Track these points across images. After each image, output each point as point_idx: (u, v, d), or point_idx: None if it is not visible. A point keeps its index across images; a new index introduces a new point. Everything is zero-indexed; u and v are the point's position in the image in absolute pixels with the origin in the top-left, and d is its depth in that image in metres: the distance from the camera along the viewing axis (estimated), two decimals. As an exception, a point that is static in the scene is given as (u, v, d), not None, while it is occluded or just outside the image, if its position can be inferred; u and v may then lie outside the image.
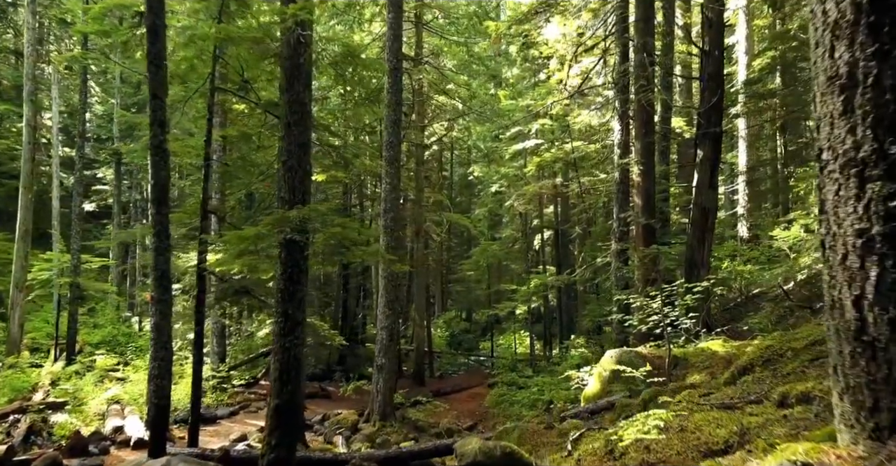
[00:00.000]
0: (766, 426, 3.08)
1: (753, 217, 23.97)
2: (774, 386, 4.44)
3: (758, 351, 5.46)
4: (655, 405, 6.46)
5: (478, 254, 26.54)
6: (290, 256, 6.58)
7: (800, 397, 3.37)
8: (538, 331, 28.27)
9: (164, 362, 7.71)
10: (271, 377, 6.59)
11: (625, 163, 12.83)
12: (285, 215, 6.19)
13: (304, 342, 6.77)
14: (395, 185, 14.19)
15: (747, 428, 3.12)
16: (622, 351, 8.33)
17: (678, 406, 4.53)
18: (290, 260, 6.59)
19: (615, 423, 6.48)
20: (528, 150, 22.89)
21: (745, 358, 5.56)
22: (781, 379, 4.64)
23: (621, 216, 12.69)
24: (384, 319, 13.90)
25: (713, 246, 12.88)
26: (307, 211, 6.24)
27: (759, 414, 3.40)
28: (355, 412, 14.23)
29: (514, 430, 7.23)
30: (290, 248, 6.57)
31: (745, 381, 4.95)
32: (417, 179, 21.18)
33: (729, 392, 4.57)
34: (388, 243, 13.98)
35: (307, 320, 9.59)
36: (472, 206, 34.89)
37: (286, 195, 6.70)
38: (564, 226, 23.08)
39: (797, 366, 4.76)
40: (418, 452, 7.83)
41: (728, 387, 5.06)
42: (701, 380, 6.94)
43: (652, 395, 6.65)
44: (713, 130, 11.70)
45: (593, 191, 21.41)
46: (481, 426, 15.25)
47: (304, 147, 6.87)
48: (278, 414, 6.37)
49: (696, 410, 3.89)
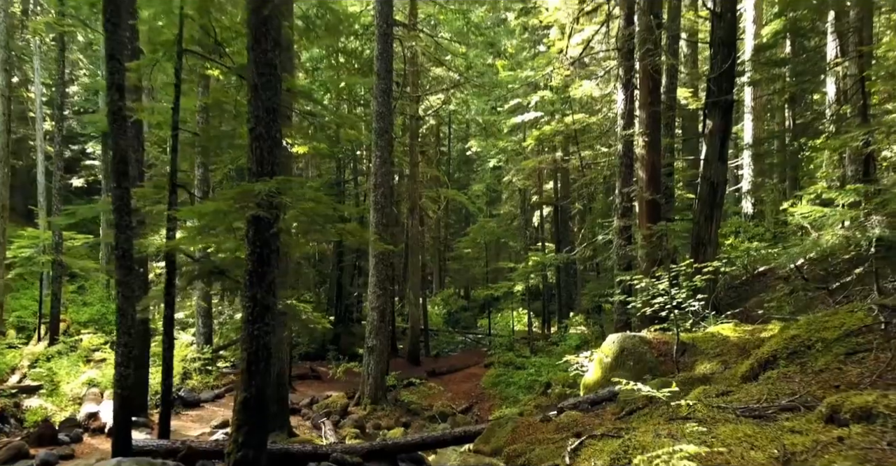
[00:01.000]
0: (818, 451, 2.43)
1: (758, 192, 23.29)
2: (807, 386, 3.81)
3: (781, 341, 4.82)
4: (662, 398, 5.84)
5: (475, 232, 25.89)
6: (258, 235, 5.91)
7: (857, 412, 2.73)
8: (536, 309, 27.74)
9: (127, 348, 7.07)
10: (239, 367, 5.99)
11: (628, 134, 12.09)
12: (248, 188, 5.51)
13: (276, 329, 6.15)
14: (386, 159, 13.46)
15: (792, 453, 2.49)
16: (625, 336, 7.72)
17: (693, 410, 3.90)
18: (258, 239, 5.93)
19: (620, 419, 5.89)
20: (528, 123, 22.06)
21: (766, 349, 4.92)
22: (814, 377, 4.00)
23: (624, 191, 11.98)
24: (375, 299, 13.30)
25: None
26: (274, 183, 5.55)
27: (802, 432, 2.77)
28: (345, 395, 13.72)
29: (507, 423, 6.65)
30: (258, 226, 5.90)
31: (770, 378, 4.31)
32: (412, 154, 20.42)
33: (753, 393, 3.94)
34: (379, 220, 13.32)
35: (289, 302, 8.98)
36: (471, 182, 34.12)
37: (254, 166, 6.00)
38: (564, 202, 22.37)
39: (831, 362, 4.12)
40: (404, 444, 7.26)
41: (749, 385, 4.42)
42: (712, 370, 6.33)
43: (659, 387, 6.04)
44: (724, 99, 10.92)
45: (594, 165, 20.66)
46: (476, 408, 14.76)
47: (274, 113, 6.14)
48: (246, 409, 5.77)
49: (719, 419, 3.25)
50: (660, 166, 11.90)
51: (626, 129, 12.13)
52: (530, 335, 20.29)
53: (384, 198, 13.38)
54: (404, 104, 19.14)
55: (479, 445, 6.61)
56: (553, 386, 13.42)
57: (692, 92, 18.89)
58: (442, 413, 13.32)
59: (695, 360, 6.98)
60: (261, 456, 5.78)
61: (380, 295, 13.23)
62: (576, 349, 15.61)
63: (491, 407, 14.68)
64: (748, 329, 7.48)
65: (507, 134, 24.98)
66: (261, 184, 5.52)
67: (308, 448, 7.33)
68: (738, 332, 7.36)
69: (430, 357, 21.91)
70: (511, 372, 16.75)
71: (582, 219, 24.47)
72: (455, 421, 13.02)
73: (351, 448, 7.31)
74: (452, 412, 13.56)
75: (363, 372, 13.39)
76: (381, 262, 13.24)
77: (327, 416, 12.20)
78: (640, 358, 7.33)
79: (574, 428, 6.00)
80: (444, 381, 17.46)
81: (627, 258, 11.76)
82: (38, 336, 17.69)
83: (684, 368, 6.84)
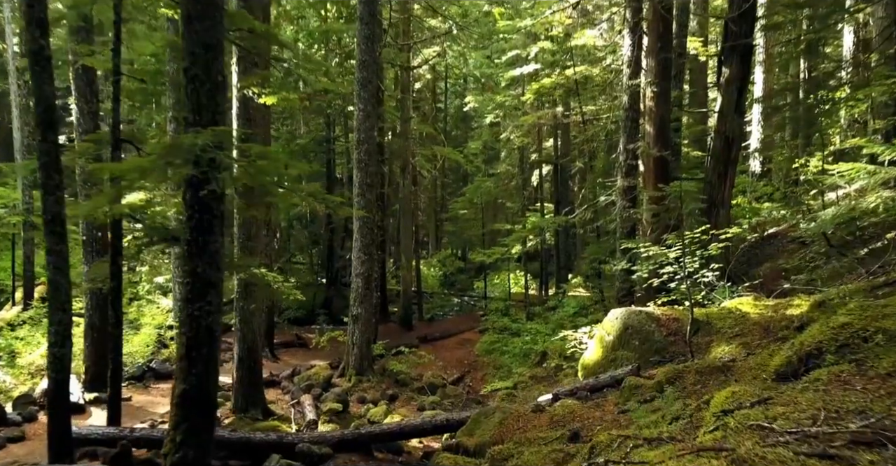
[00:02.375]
0: None
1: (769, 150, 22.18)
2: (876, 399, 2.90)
3: (827, 330, 3.90)
4: (674, 389, 4.99)
5: (471, 192, 24.84)
6: (196, 198, 4.93)
7: None
8: (534, 270, 26.93)
9: (62, 326, 6.20)
10: (177, 353, 5.11)
11: (635, 84, 10.94)
12: (177, 142, 4.50)
13: (221, 307, 5.24)
14: (370, 112, 12.33)
15: None
16: (630, 311, 6.82)
17: (725, 431, 3.00)
18: (197, 203, 4.95)
19: (624, 414, 5.03)
20: (526, 77, 20.75)
21: (807, 338, 4.01)
22: (881, 383, 3.10)
23: (629, 147, 10.91)
24: (360, 265, 12.39)
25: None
26: (210, 136, 4.53)
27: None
28: (329, 365, 12.97)
29: (495, 414, 5.81)
30: (195, 188, 4.92)
31: (819, 381, 3.40)
32: (403, 108, 19.19)
33: (802, 404, 3.03)
34: (363, 180, 12.30)
35: (256, 271, 8.07)
36: (469, 140, 32.84)
37: (190, 115, 4.97)
38: (564, 160, 21.26)
39: (901, 362, 3.20)
40: (379, 433, 6.45)
41: (791, 388, 3.51)
42: (732, 355, 5.44)
43: (670, 376, 5.17)
44: (743, 42, 9.78)
45: (596, 120, 19.45)
46: (469, 378, 14.05)
47: (213, 50, 5.08)
48: (186, 403, 4.91)
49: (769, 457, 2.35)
50: (669, 119, 10.82)
51: (632, 79, 10.98)
52: (527, 298, 19.48)
53: (368, 156, 12.32)
54: (391, 52, 17.80)
55: (463, 437, 5.79)
56: (549, 356, 12.67)
57: (702, 41, 17.60)
58: (431, 385, 12.59)
59: (710, 341, 6.10)
60: (204, 457, 4.94)
61: (364, 261, 12.32)
62: (574, 316, 14.84)
63: (484, 377, 13.98)
64: (770, 303, 6.58)
65: (505, 88, 23.66)
66: (192, 136, 4.50)
67: (272, 436, 6.53)
68: (759, 307, 6.46)
69: (424, 321, 21.20)
70: (506, 339, 16.02)
71: (583, 178, 23.42)
72: (445, 393, 12.32)
73: (320, 437, 6.51)
74: (443, 383, 12.85)
75: (348, 341, 12.60)
76: (366, 226, 12.28)
77: (309, 389, 11.46)
78: (647, 338, 6.46)
79: (571, 423, 5.16)
80: (436, 348, 16.74)
81: (631, 221, 10.80)
82: (12, 301, 16.92)
83: (698, 350, 5.96)
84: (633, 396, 5.25)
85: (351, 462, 6.35)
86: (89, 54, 8.04)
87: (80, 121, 10.06)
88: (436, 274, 30.04)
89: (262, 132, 14.15)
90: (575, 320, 14.30)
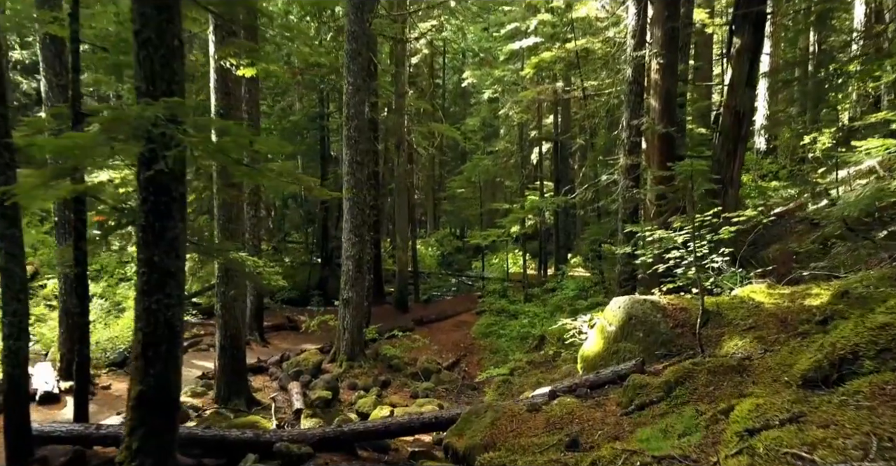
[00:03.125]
0: None
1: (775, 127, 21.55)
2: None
3: (864, 332, 3.40)
4: (684, 390, 4.51)
5: (469, 170, 24.24)
6: (151, 179, 4.40)
7: None
8: (533, 249, 26.44)
9: (17, 317, 5.72)
10: (133, 352, 4.63)
11: (640, 56, 10.30)
12: (121, 115, 3.95)
13: (183, 300, 4.74)
14: (360, 86, 11.71)
15: None
16: (633, 300, 6.32)
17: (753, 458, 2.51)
18: (152, 185, 4.42)
19: (627, 414, 4.56)
20: (526, 51, 19.99)
21: (838, 339, 3.51)
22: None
23: (633, 123, 10.30)
24: (350, 247, 11.89)
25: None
26: (162, 108, 3.97)
27: None
28: (318, 350, 12.54)
29: (486, 412, 5.34)
30: (150, 166, 4.38)
31: (859, 392, 2.91)
32: (397, 83, 18.50)
33: (846, 427, 2.54)
34: (353, 158, 11.73)
35: (236, 255, 7.54)
36: (468, 116, 32.10)
37: (142, 84, 4.41)
38: (564, 137, 20.62)
39: (960, 375, 2.70)
40: (363, 432, 6.00)
41: (826, 401, 3.02)
42: (747, 351, 4.95)
43: (679, 375, 4.69)
44: (755, 10, 9.14)
45: (598, 96, 18.77)
46: (464, 362, 13.64)
47: (167, 10, 4.49)
48: (143, 406, 4.44)
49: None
50: (675, 93, 10.21)
51: (636, 51, 10.33)
52: (525, 279, 19.01)
53: (358, 132, 11.72)
54: (386, 24, 17.05)
55: (452, 438, 5.34)
56: (547, 340, 12.24)
57: (708, 13, 16.88)
58: (426, 370, 12.18)
59: (721, 333, 5.61)
60: (165, 465, 4.48)
61: (355, 243, 11.81)
62: (573, 299, 14.38)
63: (480, 361, 13.57)
64: (785, 292, 6.08)
65: (504, 62, 22.89)
66: (140, 108, 3.94)
67: (248, 434, 6.08)
68: (774, 297, 5.96)
69: (420, 302, 20.76)
70: (503, 322, 15.60)
71: (583, 155, 22.77)
72: (439, 379, 11.91)
73: (300, 435, 6.06)
74: (437, 368, 12.42)
75: (338, 326, 12.16)
76: (356, 206, 11.75)
77: (297, 376, 11.03)
78: (652, 329, 5.97)
79: (569, 426, 4.70)
80: (431, 330, 16.33)
81: (634, 201, 10.25)
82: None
83: (707, 343, 5.47)
84: (638, 396, 4.78)
85: (332, 462, 5.92)
86: (52, 21, 7.42)
87: (48, 96, 9.47)
88: (433, 253, 29.55)
89: (247, 107, 13.55)
90: (574, 303, 13.84)
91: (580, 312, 13.15)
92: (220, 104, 8.73)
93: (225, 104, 8.78)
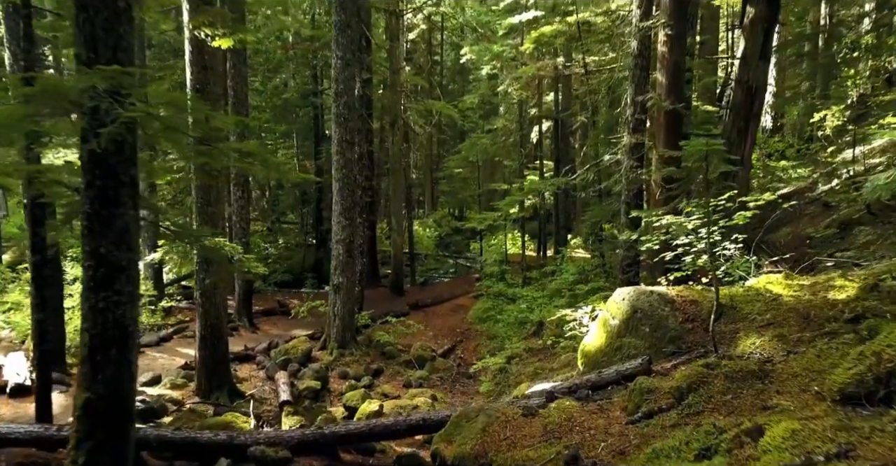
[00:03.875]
0: None
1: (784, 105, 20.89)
2: None
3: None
4: (697, 398, 4.03)
5: (466, 149, 23.55)
6: (96, 160, 3.87)
7: None
8: (532, 229, 25.90)
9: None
10: (80, 354, 4.13)
11: (646, 27, 9.65)
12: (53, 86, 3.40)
13: (137, 297, 4.24)
14: (349, 60, 11.07)
15: None
16: (639, 292, 5.82)
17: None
18: (97, 167, 3.89)
19: (634, 423, 4.08)
20: (525, 24, 19.23)
21: (885, 346, 3.01)
22: None
23: (638, 99, 9.68)
24: (340, 231, 11.37)
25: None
26: (100, 77, 3.41)
27: None
28: (308, 338, 12.08)
29: (478, 417, 4.87)
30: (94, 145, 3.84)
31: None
32: (392, 58, 17.79)
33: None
34: (342, 137, 11.14)
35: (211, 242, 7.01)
36: (467, 94, 31.33)
37: (82, 52, 3.85)
38: (565, 115, 19.96)
39: None
40: (345, 434, 5.54)
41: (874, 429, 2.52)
42: (767, 352, 4.46)
43: (692, 380, 4.20)
44: (773, -23, 8.49)
45: (599, 72, 18.07)
46: (460, 349, 13.21)
47: (111, -34, 3.92)
48: (90, 415, 3.96)
49: None
50: (684, 67, 9.60)
51: (643, 21, 9.69)
52: (524, 261, 18.51)
53: (348, 110, 11.12)
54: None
55: (441, 444, 4.88)
56: (546, 327, 11.79)
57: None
58: (420, 358, 11.76)
59: (735, 330, 5.12)
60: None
61: (345, 226, 11.29)
62: (573, 283, 13.88)
63: (476, 348, 13.14)
64: (805, 282, 5.57)
65: (503, 37, 22.10)
66: (74, 78, 3.38)
67: (221, 437, 5.62)
68: (793, 288, 5.45)
69: (416, 285, 20.32)
70: (501, 306, 15.15)
71: (584, 134, 22.14)
72: (433, 367, 11.49)
73: (277, 437, 5.60)
74: (432, 355, 12.00)
75: (329, 312, 11.69)
76: (346, 187, 11.19)
77: (285, 365, 10.60)
78: (659, 324, 5.47)
79: (568, 435, 4.23)
80: (427, 315, 15.90)
81: (638, 182, 9.69)
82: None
83: (721, 341, 4.98)
84: (645, 403, 4.30)
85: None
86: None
87: (13, 69, 8.85)
88: (431, 234, 29.01)
89: (233, 83, 12.92)
90: (574, 288, 13.35)
91: (580, 297, 12.68)
92: (196, 79, 8.13)
93: (202, 79, 8.18)
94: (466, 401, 9.75)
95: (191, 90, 8.13)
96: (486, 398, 9.72)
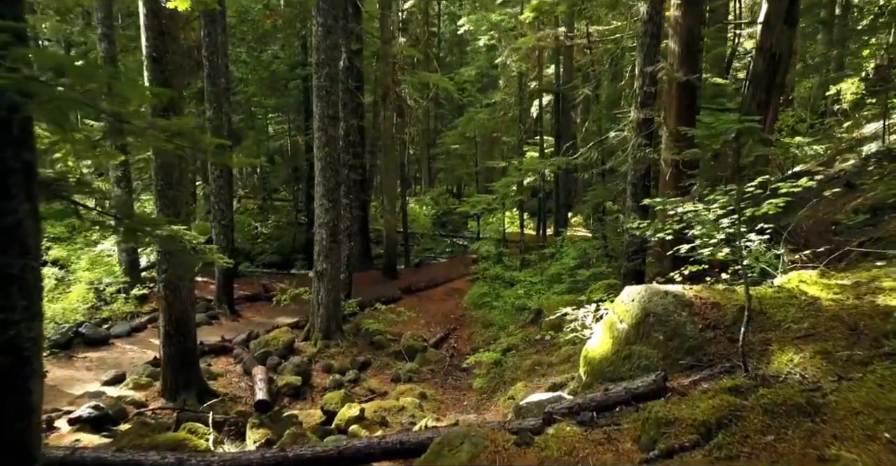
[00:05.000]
0: None
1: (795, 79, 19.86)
2: None
3: None
4: (729, 436, 3.27)
5: (463, 124, 22.61)
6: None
7: None
8: (531, 207, 25.07)
9: None
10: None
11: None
12: None
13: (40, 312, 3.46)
14: (332, 27, 10.12)
15: None
16: (652, 292, 5.02)
17: None
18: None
19: (649, 461, 3.31)
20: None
21: None
22: None
23: (647, 70, 8.76)
24: (323, 214, 10.56)
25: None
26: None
27: None
28: (289, 328, 11.35)
29: (463, 445, 4.12)
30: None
31: None
32: (383, 27, 16.76)
33: None
34: (324, 111, 10.25)
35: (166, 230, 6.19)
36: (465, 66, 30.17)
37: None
38: (566, 88, 18.96)
39: None
40: (310, 458, 4.80)
41: None
42: (810, 373, 3.68)
43: (721, 413, 3.43)
44: (802, -70, 7.52)
45: (602, 42, 17.03)
46: (454, 338, 12.50)
47: None
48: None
49: None
50: (699, 34, 8.67)
51: (654, -18, 8.72)
52: (522, 242, 17.73)
53: (331, 82, 10.22)
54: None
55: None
56: (544, 314, 11.06)
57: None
58: (410, 348, 11.05)
59: (766, 340, 4.34)
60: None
61: (329, 209, 10.47)
62: (573, 268, 13.11)
63: (471, 336, 12.43)
64: (846, 283, 4.77)
65: (501, 5, 21.00)
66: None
67: (169, 460, 4.88)
68: (832, 289, 4.66)
69: (411, 267, 19.57)
70: (498, 290, 14.40)
71: (586, 108, 21.16)
72: (425, 359, 10.79)
73: (234, 461, 4.86)
74: (423, 345, 11.30)
75: (312, 300, 10.96)
76: (330, 167, 10.35)
77: (264, 359, 9.89)
78: (676, 331, 4.70)
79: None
80: (420, 299, 15.18)
81: (646, 161, 8.83)
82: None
83: (750, 354, 4.21)
84: (663, 437, 3.54)
85: (273, 494, 4.75)
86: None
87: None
88: (428, 212, 28.15)
89: (207, 53, 11.95)
90: (575, 273, 12.59)
91: (580, 283, 11.93)
92: (153, 45, 7.24)
93: (159, 46, 7.29)
94: (458, 399, 9.07)
95: (147, 58, 7.24)
96: (479, 395, 9.04)
